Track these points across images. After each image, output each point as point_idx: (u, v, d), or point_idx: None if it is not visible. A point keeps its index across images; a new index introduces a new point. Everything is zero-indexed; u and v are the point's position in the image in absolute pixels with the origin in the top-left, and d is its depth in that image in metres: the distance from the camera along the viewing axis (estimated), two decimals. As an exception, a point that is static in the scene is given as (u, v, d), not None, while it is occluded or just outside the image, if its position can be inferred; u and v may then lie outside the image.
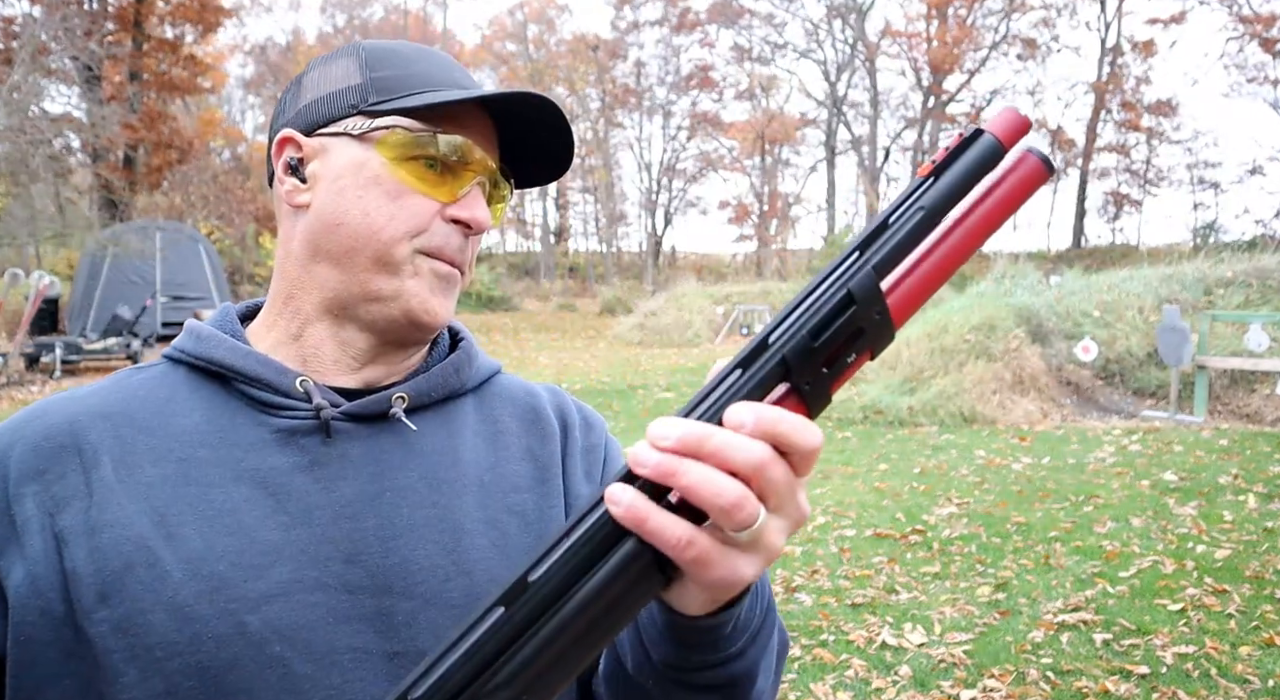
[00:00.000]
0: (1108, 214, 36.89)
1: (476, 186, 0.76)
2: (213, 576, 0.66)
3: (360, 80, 0.76)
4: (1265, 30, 29.30)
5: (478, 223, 0.75)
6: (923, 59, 34.55)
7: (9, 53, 16.29)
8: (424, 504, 0.73)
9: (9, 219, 15.79)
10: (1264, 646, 3.59)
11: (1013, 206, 0.51)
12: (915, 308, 0.51)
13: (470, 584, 0.72)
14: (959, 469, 6.98)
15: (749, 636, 0.61)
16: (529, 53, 39.27)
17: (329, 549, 0.69)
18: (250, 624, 0.65)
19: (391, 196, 0.74)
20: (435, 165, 0.74)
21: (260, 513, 0.69)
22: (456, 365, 0.82)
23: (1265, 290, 10.87)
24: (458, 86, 0.76)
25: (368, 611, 0.68)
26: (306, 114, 0.77)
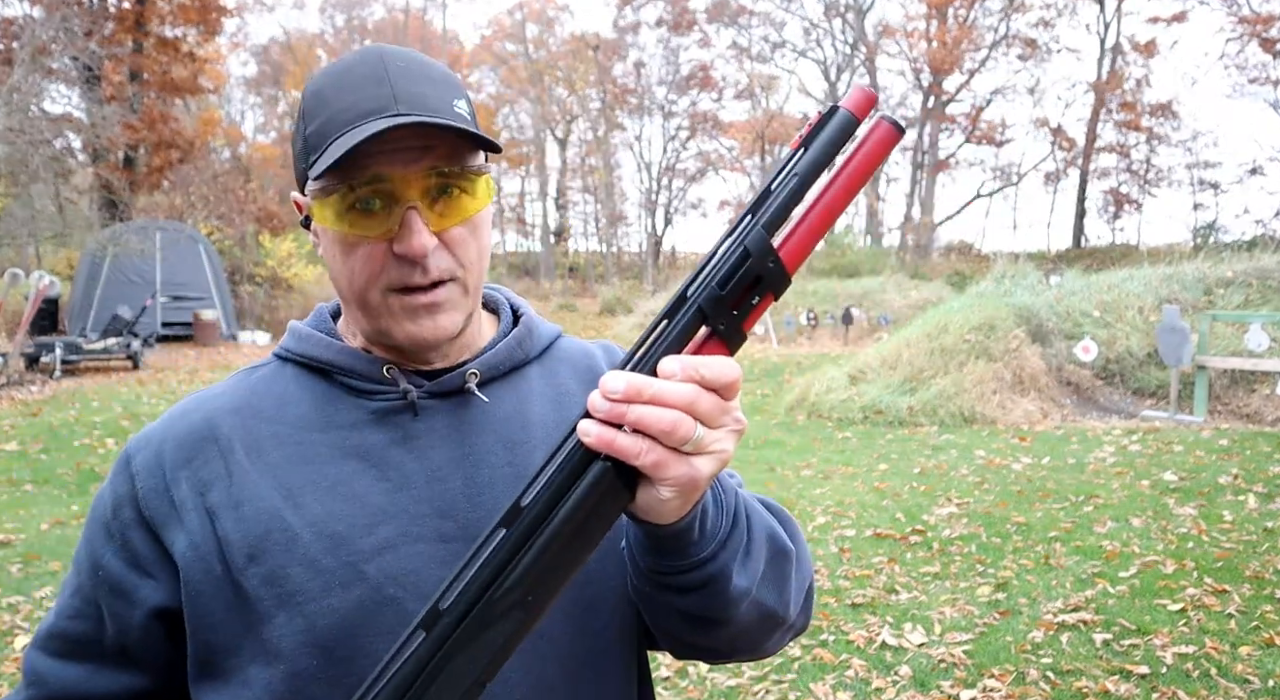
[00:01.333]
0: (1108, 214, 36.90)
1: (407, 213, 0.78)
2: (334, 535, 0.80)
3: (300, 143, 0.82)
4: (1265, 30, 29.29)
5: (413, 254, 0.78)
6: (922, 59, 34.54)
7: (9, 53, 16.28)
8: (500, 463, 0.85)
9: (9, 219, 15.78)
10: (1264, 646, 3.59)
11: (873, 163, 0.62)
12: (804, 256, 0.63)
13: None
14: (959, 469, 6.98)
15: (718, 543, 0.73)
16: (529, 53, 39.26)
17: (425, 507, 0.82)
18: (368, 572, 0.79)
19: (346, 252, 0.81)
20: (371, 205, 0.78)
21: (366, 481, 0.82)
22: (519, 339, 0.92)
23: (1265, 290, 10.87)
24: (369, 112, 0.77)
25: (462, 555, 0.76)
26: (296, 173, 0.85)
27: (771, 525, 0.82)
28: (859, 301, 19.56)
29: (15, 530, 5.50)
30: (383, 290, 0.81)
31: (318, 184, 0.79)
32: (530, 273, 38.16)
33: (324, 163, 0.76)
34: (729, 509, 0.75)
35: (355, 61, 0.82)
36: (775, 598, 0.81)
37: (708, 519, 0.72)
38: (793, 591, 0.84)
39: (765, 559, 0.79)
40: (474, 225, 0.83)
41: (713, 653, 0.86)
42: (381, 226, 0.78)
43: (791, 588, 0.84)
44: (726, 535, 0.74)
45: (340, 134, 0.77)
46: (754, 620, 0.80)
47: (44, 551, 5.09)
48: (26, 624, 4.07)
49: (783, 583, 0.82)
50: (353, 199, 0.78)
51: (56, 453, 7.82)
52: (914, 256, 31.80)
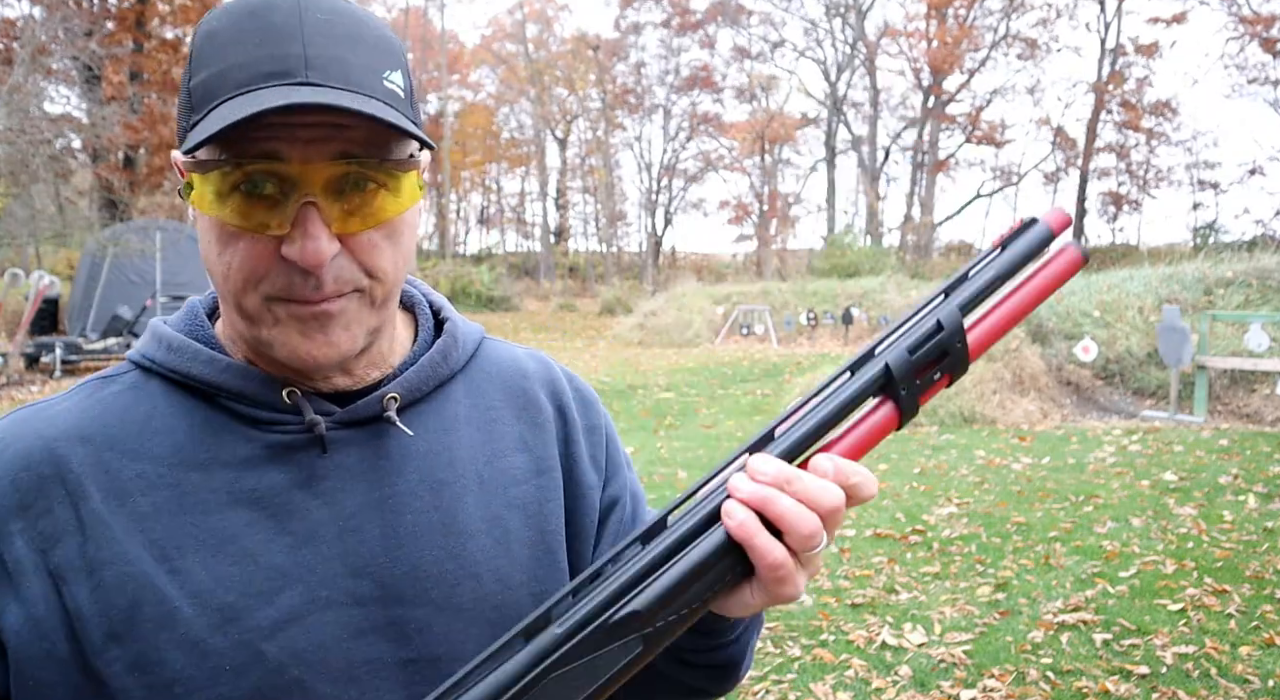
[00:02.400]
0: (1108, 214, 36.90)
1: (303, 209, 0.62)
2: (223, 608, 0.64)
3: (185, 96, 0.65)
4: (1265, 30, 29.30)
5: (304, 262, 0.62)
6: (923, 59, 34.55)
7: (9, 53, 16.29)
8: (425, 508, 0.72)
9: (9, 219, 15.79)
10: (1264, 646, 3.59)
11: (1057, 283, 0.67)
12: (986, 346, 0.65)
13: (478, 586, 0.72)
14: (959, 469, 6.98)
15: (744, 625, 0.74)
16: (529, 53, 39.28)
17: (336, 565, 0.68)
18: (267, 652, 0.64)
19: (224, 242, 0.65)
20: (259, 190, 0.62)
21: (263, 536, 0.67)
22: (444, 352, 0.78)
23: (1265, 290, 10.87)
24: (271, 74, 0.61)
25: (380, 622, 0.68)
26: (178, 129, 0.67)
27: None
28: (859, 301, 19.55)
29: (15, 530, 5.51)
30: (264, 296, 0.65)
31: (197, 154, 0.63)
32: (530, 273, 38.16)
33: (203, 131, 0.60)
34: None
35: (264, 2, 0.63)
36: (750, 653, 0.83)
37: None
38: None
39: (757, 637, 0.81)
40: (392, 229, 0.67)
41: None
42: (270, 219, 0.63)
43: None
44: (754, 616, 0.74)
45: (229, 96, 0.61)
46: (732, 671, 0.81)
47: (44, 551, 5.09)
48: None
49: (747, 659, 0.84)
50: (237, 179, 0.62)
51: (56, 453, 7.82)
52: (914, 256, 31.80)
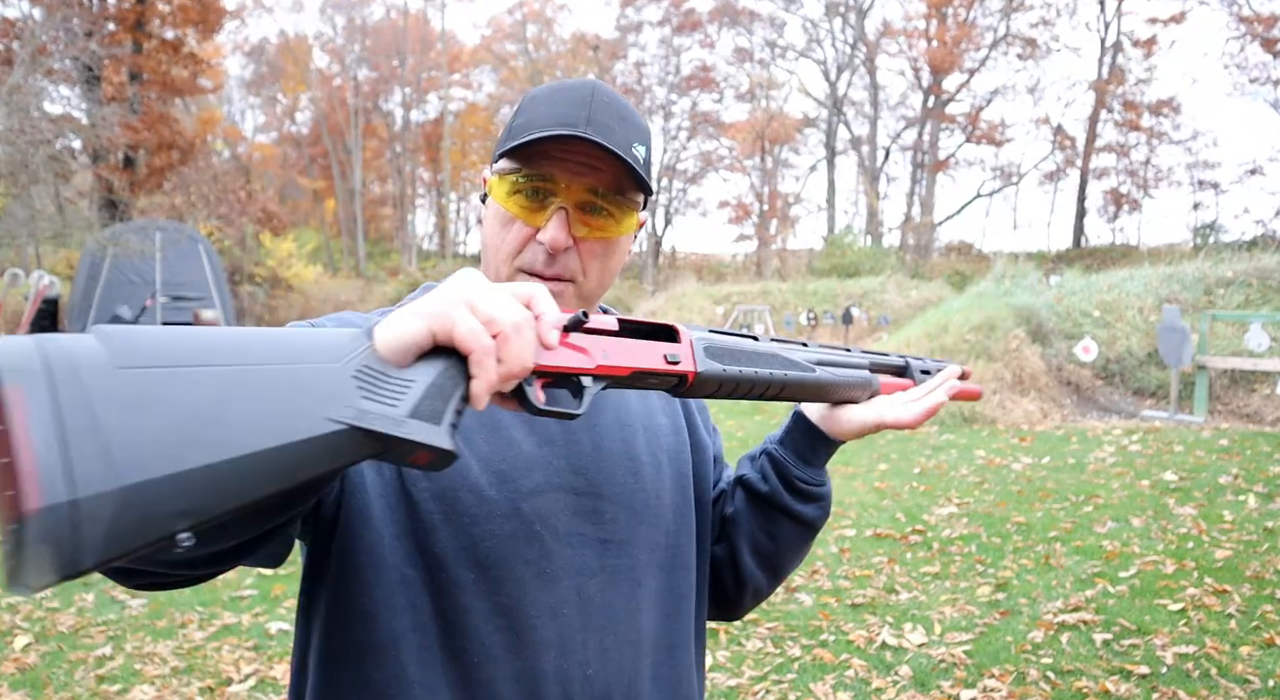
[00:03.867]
0: (1108, 214, 36.87)
1: (558, 212, 0.93)
2: (499, 472, 0.94)
3: (505, 131, 0.98)
4: (1265, 30, 29.28)
5: (551, 243, 0.92)
6: (922, 59, 34.53)
7: (9, 53, 16.27)
8: (615, 438, 1.02)
9: (9, 219, 15.77)
10: (1264, 646, 3.59)
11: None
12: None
13: (645, 497, 1.02)
14: (959, 469, 6.98)
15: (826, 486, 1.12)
16: (529, 53, 39.26)
17: (563, 462, 0.98)
18: (523, 509, 0.94)
19: (502, 224, 0.96)
20: (535, 195, 0.93)
21: (520, 433, 0.97)
22: None
23: (1265, 290, 10.87)
24: (564, 123, 0.91)
25: (587, 508, 0.98)
26: (494, 154, 1.01)
27: None
28: (859, 301, 19.54)
29: (15, 530, 5.50)
30: (515, 267, 0.95)
31: (501, 164, 0.95)
32: (530, 273, 38.05)
33: (509, 144, 0.93)
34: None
35: (574, 83, 0.97)
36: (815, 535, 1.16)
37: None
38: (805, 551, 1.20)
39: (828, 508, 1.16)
40: (609, 246, 0.97)
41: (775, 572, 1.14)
42: (535, 214, 0.94)
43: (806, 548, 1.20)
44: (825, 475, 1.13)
45: (534, 131, 0.92)
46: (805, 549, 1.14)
47: (44, 552, 5.08)
48: (26, 624, 4.06)
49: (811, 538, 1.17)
50: (522, 184, 0.94)
51: (56, 453, 7.82)
52: (914, 256, 31.79)
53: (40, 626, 4.03)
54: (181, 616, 4.16)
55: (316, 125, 39.43)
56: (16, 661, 3.64)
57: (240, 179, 25.89)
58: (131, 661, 3.68)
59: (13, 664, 3.62)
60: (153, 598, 4.39)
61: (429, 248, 43.10)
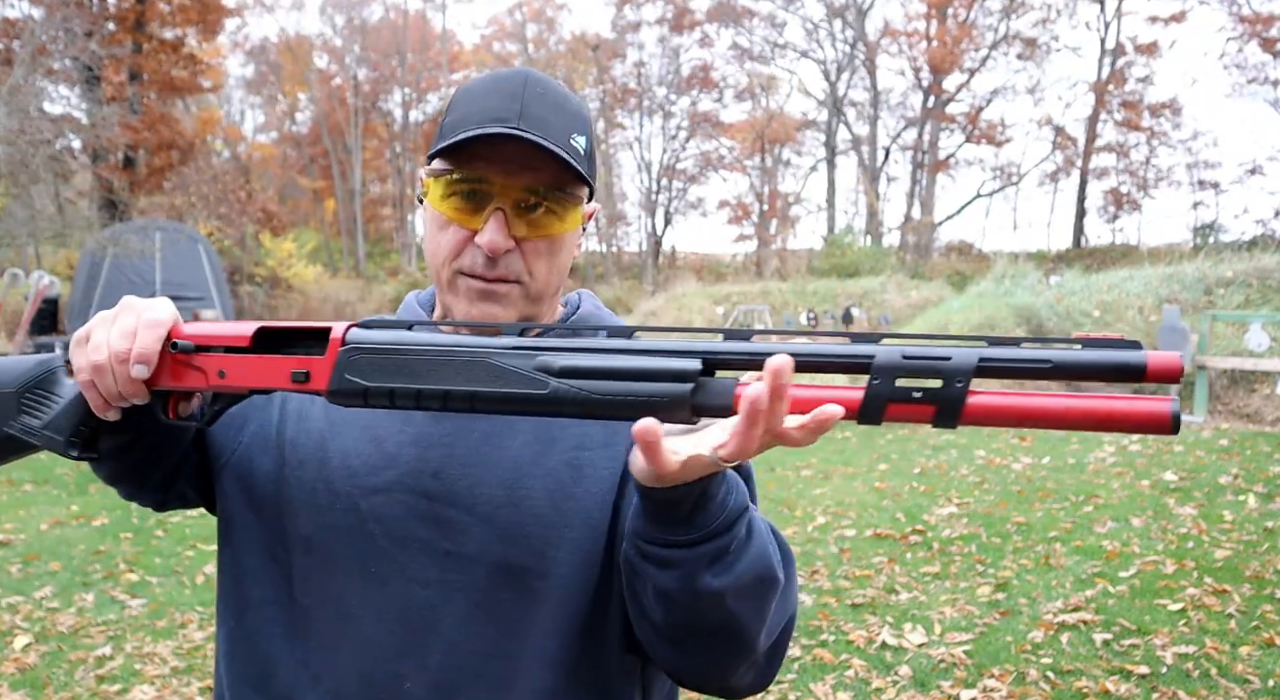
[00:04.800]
0: (1108, 214, 36.87)
1: (495, 214, 0.90)
2: (350, 467, 0.95)
3: (438, 129, 0.94)
4: (1265, 30, 29.28)
5: (487, 248, 0.89)
6: (923, 59, 34.54)
7: (9, 53, 16.27)
8: (499, 445, 0.94)
9: (9, 219, 15.76)
10: (1264, 646, 3.59)
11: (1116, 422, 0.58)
12: (984, 418, 0.61)
13: (517, 514, 0.92)
14: (959, 469, 6.98)
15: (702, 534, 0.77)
16: (528, 52, 39.26)
17: (425, 465, 0.94)
18: (361, 506, 0.94)
19: (439, 228, 0.93)
20: (470, 197, 0.90)
21: (389, 431, 0.96)
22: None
23: (1265, 290, 10.87)
24: (495, 119, 0.88)
25: (437, 516, 0.93)
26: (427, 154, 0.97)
27: (767, 550, 0.82)
28: (859, 301, 19.55)
29: (15, 530, 5.50)
30: (455, 270, 0.92)
31: (435, 165, 0.92)
32: (530, 273, 38.03)
33: (440, 144, 0.90)
34: (727, 513, 0.78)
35: (505, 75, 0.94)
36: (749, 617, 0.82)
37: (701, 508, 0.76)
38: (768, 621, 0.84)
39: (749, 575, 0.79)
40: (553, 244, 0.93)
41: (679, 664, 0.87)
42: (472, 217, 0.91)
43: (768, 617, 0.84)
44: (716, 533, 0.78)
45: (465, 129, 0.89)
46: (722, 632, 0.82)
47: (44, 551, 5.09)
48: (26, 624, 4.06)
49: (760, 607, 0.82)
50: (456, 186, 0.91)
51: (56, 453, 7.83)
52: (914, 256, 31.79)
53: (40, 626, 4.03)
54: (181, 616, 4.16)
55: (316, 125, 39.43)
56: (16, 661, 3.64)
57: (240, 179, 25.88)
58: (131, 661, 3.68)
59: (13, 664, 3.63)
60: (152, 598, 4.40)
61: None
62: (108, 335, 0.82)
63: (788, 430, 0.67)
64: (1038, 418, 0.59)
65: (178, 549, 5.14)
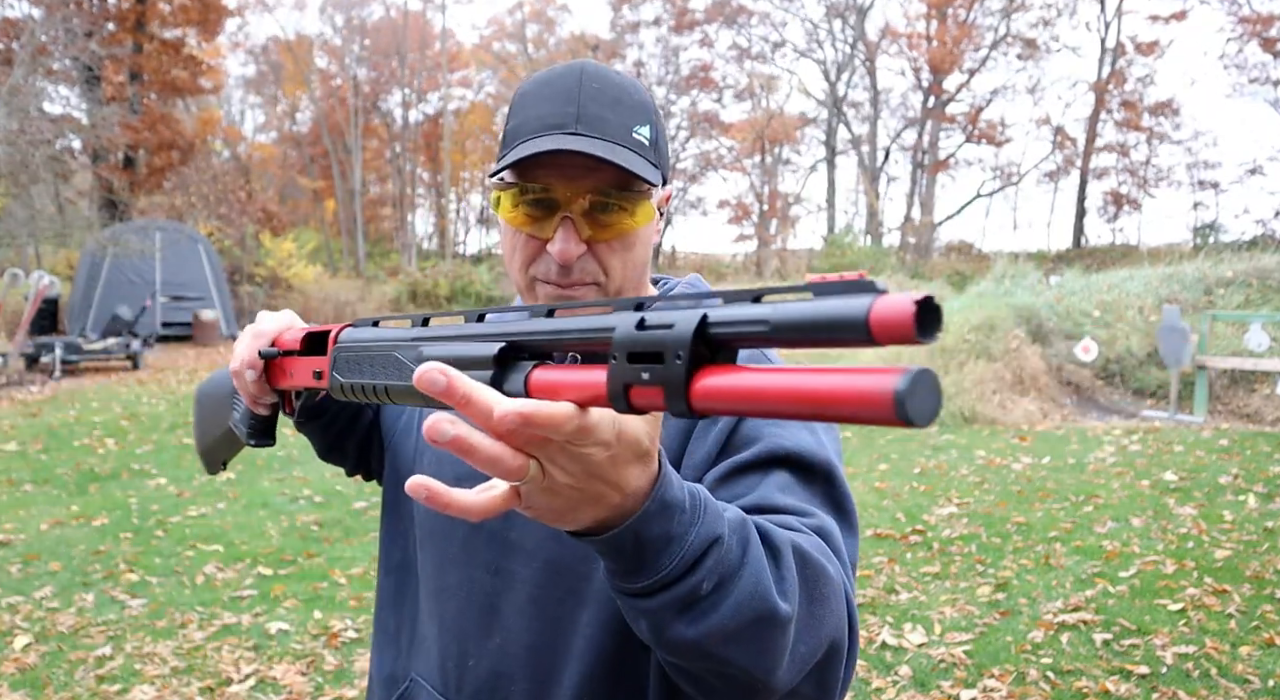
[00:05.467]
0: (1108, 214, 36.88)
1: (563, 223, 0.90)
2: (440, 454, 1.02)
3: (501, 136, 0.96)
4: (1265, 30, 29.28)
5: (560, 256, 0.90)
6: (923, 59, 34.54)
7: (9, 53, 16.27)
8: None
9: (9, 219, 15.76)
10: (1264, 646, 3.59)
11: (833, 405, 0.42)
12: (711, 405, 0.46)
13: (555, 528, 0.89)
14: (959, 469, 6.98)
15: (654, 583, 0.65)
16: (528, 52, 39.26)
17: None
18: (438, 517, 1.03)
19: (512, 236, 0.95)
20: (537, 206, 0.91)
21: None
22: None
23: (1265, 290, 10.87)
24: (552, 126, 0.89)
25: (495, 526, 0.98)
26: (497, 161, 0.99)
27: (763, 583, 0.69)
28: (859, 301, 19.48)
29: (15, 530, 5.50)
30: (531, 277, 0.95)
31: (500, 178, 0.93)
32: (530, 273, 38.01)
33: (503, 162, 0.91)
34: (687, 550, 0.66)
35: (559, 73, 0.93)
36: (748, 660, 0.70)
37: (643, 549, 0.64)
38: (781, 659, 0.72)
39: (736, 621, 0.68)
40: (626, 240, 0.93)
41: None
42: (542, 226, 0.92)
43: (780, 655, 0.71)
44: (673, 578, 0.66)
45: (525, 139, 0.90)
46: (720, 676, 0.72)
47: (44, 551, 5.09)
48: (26, 624, 4.06)
49: (762, 648, 0.70)
50: (523, 199, 0.92)
51: (56, 453, 7.82)
52: (914, 256, 31.79)
53: (40, 626, 4.03)
54: (181, 616, 4.16)
55: (316, 125, 39.43)
56: (16, 661, 3.64)
57: (240, 179, 25.88)
58: (131, 661, 3.68)
59: (13, 664, 3.63)
60: (152, 598, 4.40)
61: (429, 248, 43.08)
62: (241, 343, 0.95)
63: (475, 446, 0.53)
64: (760, 402, 0.44)
65: (178, 549, 5.13)
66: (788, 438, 0.87)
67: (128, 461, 7.46)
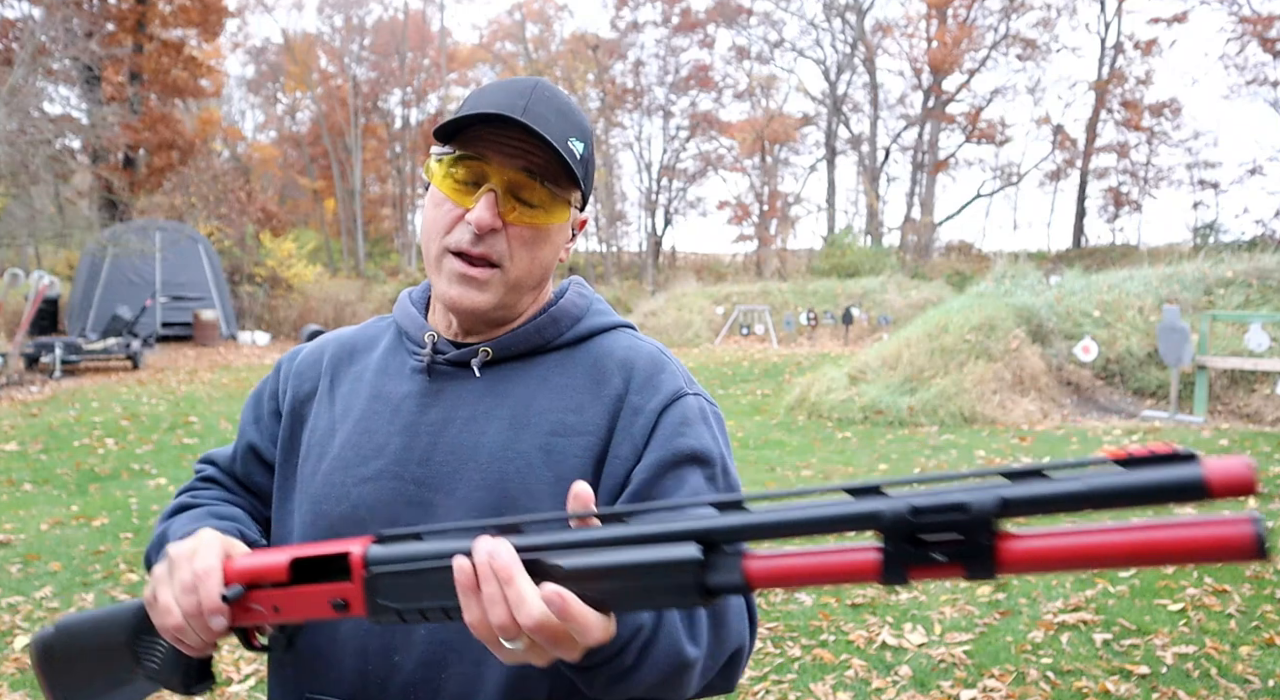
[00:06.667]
0: (1108, 214, 36.89)
1: (487, 194, 0.94)
2: (344, 458, 1.00)
3: (450, 119, 0.97)
4: (1265, 30, 29.29)
5: (476, 222, 0.93)
6: (923, 59, 34.55)
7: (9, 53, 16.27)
8: (477, 432, 0.98)
9: (9, 219, 15.77)
10: (1264, 646, 3.59)
11: (1192, 553, 0.48)
12: (1024, 568, 0.50)
13: (489, 497, 0.95)
14: (959, 469, 6.98)
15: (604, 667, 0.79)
16: (528, 53, 39.26)
17: (410, 453, 0.98)
18: (353, 493, 0.99)
19: (435, 204, 0.98)
20: (467, 175, 0.95)
21: (381, 421, 1.01)
22: (539, 327, 1.03)
23: (1265, 290, 10.86)
24: (500, 107, 0.93)
25: (422, 500, 0.97)
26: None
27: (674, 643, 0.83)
28: (859, 301, 19.55)
29: (15, 530, 5.50)
30: (443, 248, 0.97)
31: (439, 147, 0.97)
32: (530, 273, 37.96)
33: (446, 118, 0.94)
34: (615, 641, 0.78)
35: (518, 79, 0.99)
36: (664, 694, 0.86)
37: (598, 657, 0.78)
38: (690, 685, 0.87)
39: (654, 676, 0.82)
40: (537, 234, 0.97)
41: None
42: (467, 195, 0.95)
43: (688, 685, 0.87)
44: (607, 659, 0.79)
45: (468, 114, 0.94)
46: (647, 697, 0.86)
47: (44, 551, 5.09)
48: (26, 624, 4.06)
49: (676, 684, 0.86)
50: (455, 165, 0.95)
51: (56, 453, 7.82)
52: (914, 256, 31.80)
53: (40, 626, 4.03)
54: (181, 616, 4.16)
55: (316, 125, 39.43)
56: (16, 661, 3.64)
57: (240, 179, 25.87)
58: (131, 661, 3.68)
59: (13, 664, 3.63)
60: (153, 598, 4.39)
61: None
62: (173, 595, 0.84)
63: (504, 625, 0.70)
64: (1090, 559, 0.50)
65: (178, 549, 5.14)
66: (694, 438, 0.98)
67: (128, 461, 7.46)
